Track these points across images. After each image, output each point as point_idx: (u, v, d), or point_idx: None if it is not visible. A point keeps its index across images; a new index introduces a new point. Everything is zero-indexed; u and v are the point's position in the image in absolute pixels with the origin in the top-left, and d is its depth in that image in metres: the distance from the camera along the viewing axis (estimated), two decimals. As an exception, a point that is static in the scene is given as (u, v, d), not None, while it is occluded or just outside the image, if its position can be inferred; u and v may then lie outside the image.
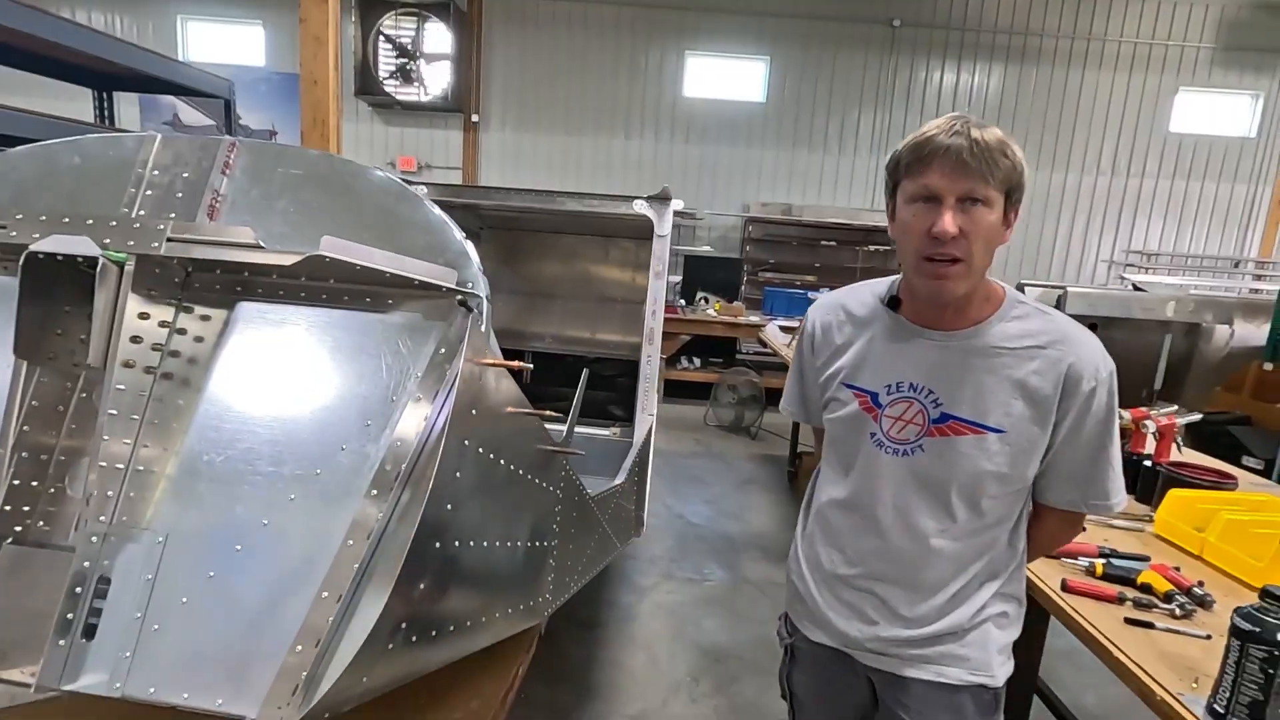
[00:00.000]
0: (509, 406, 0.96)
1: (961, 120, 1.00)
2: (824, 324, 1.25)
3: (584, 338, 3.29)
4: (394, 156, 10.14)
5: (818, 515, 1.28)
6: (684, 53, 9.61)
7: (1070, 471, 1.11)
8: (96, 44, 2.66)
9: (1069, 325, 1.09)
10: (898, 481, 1.13)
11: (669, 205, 2.48)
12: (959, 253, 1.00)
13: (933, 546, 1.12)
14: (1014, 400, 1.06)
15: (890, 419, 1.13)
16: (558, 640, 2.77)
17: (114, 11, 9.85)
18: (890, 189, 1.09)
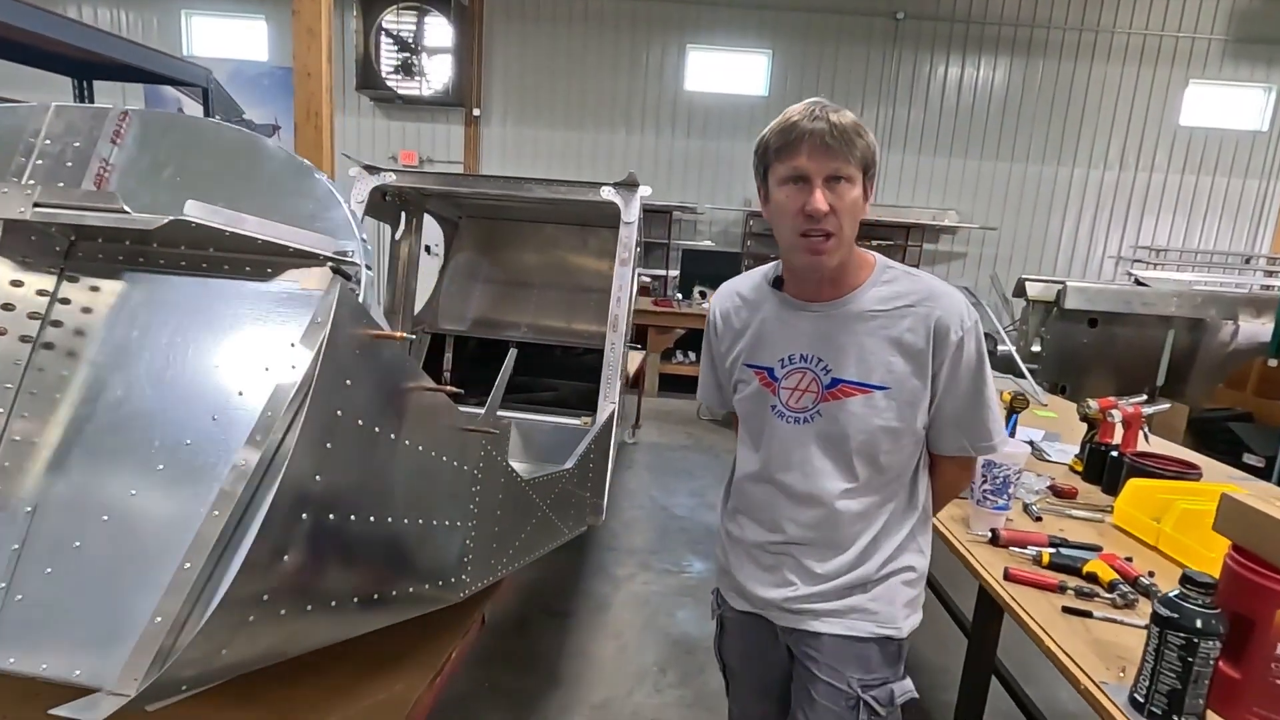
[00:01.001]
0: (402, 381, 0.94)
1: (819, 105, 1.08)
2: (723, 311, 1.33)
3: (560, 327, 3.27)
4: (395, 151, 10.17)
5: (736, 490, 1.36)
6: (685, 46, 9.56)
7: (954, 418, 1.19)
8: (73, 33, 2.67)
9: (934, 283, 1.19)
10: (801, 447, 1.21)
11: (636, 192, 2.46)
12: (831, 228, 1.08)
13: (838, 507, 1.20)
14: (893, 357, 1.15)
15: (787, 390, 1.21)
16: (528, 629, 2.76)
17: (119, 6, 9.93)
18: (761, 173, 1.16)
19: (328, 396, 0.79)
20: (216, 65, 9.98)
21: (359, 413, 0.84)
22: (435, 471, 1.06)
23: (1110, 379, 5.81)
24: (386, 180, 2.57)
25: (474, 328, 3.26)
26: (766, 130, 1.12)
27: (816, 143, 1.05)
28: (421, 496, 1.03)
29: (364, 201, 2.53)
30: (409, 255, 2.92)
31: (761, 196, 1.18)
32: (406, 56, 9.54)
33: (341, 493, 0.84)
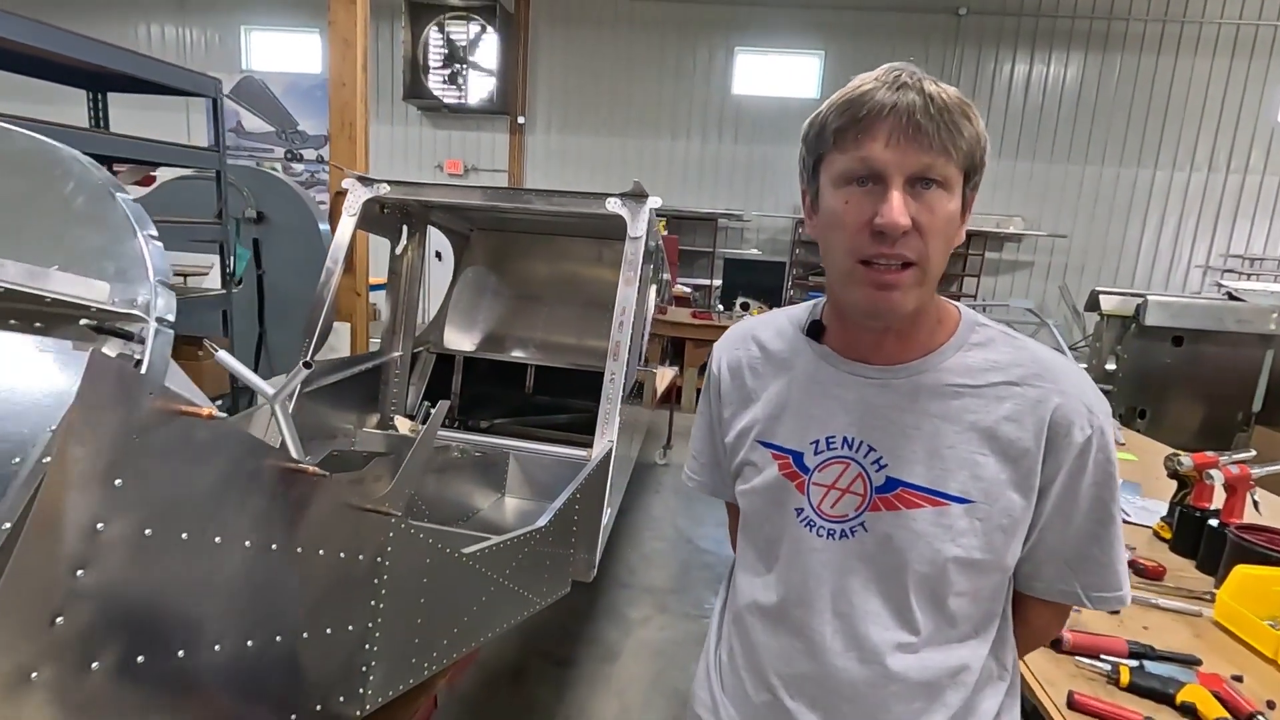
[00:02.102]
0: (232, 466, 0.71)
1: (903, 69, 0.72)
2: (731, 363, 0.95)
3: (572, 345, 3.04)
4: (441, 159, 10.21)
5: (737, 623, 0.95)
6: (733, 49, 9.27)
7: (1063, 553, 0.81)
8: (83, 48, 2.61)
9: (1048, 355, 0.81)
10: (836, 576, 0.82)
11: (645, 203, 2.20)
12: (911, 253, 0.72)
13: (891, 669, 0.80)
14: (982, 457, 0.77)
15: (821, 488, 0.83)
16: (524, 679, 2.53)
17: (184, 25, 10.30)
18: (810, 168, 0.79)
19: (78, 506, 0.56)
20: (273, 78, 10.27)
21: (142, 519, 0.62)
22: (304, 571, 0.83)
23: (1197, 404, 5.22)
24: (381, 192, 2.39)
25: (482, 346, 3.07)
26: (824, 105, 0.76)
27: (902, 121, 0.69)
28: (279, 605, 0.80)
29: (356, 215, 2.36)
30: (410, 270, 2.74)
31: (806, 203, 0.82)
32: (453, 66, 9.57)
33: (124, 628, 0.62)
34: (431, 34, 9.47)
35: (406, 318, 2.78)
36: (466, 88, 9.59)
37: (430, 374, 3.01)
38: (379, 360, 2.70)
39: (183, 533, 0.66)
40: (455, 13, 9.41)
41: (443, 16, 9.43)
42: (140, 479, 0.61)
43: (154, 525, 0.64)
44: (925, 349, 0.81)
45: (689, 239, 9.55)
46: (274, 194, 3.94)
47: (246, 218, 3.81)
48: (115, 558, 0.61)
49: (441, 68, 9.55)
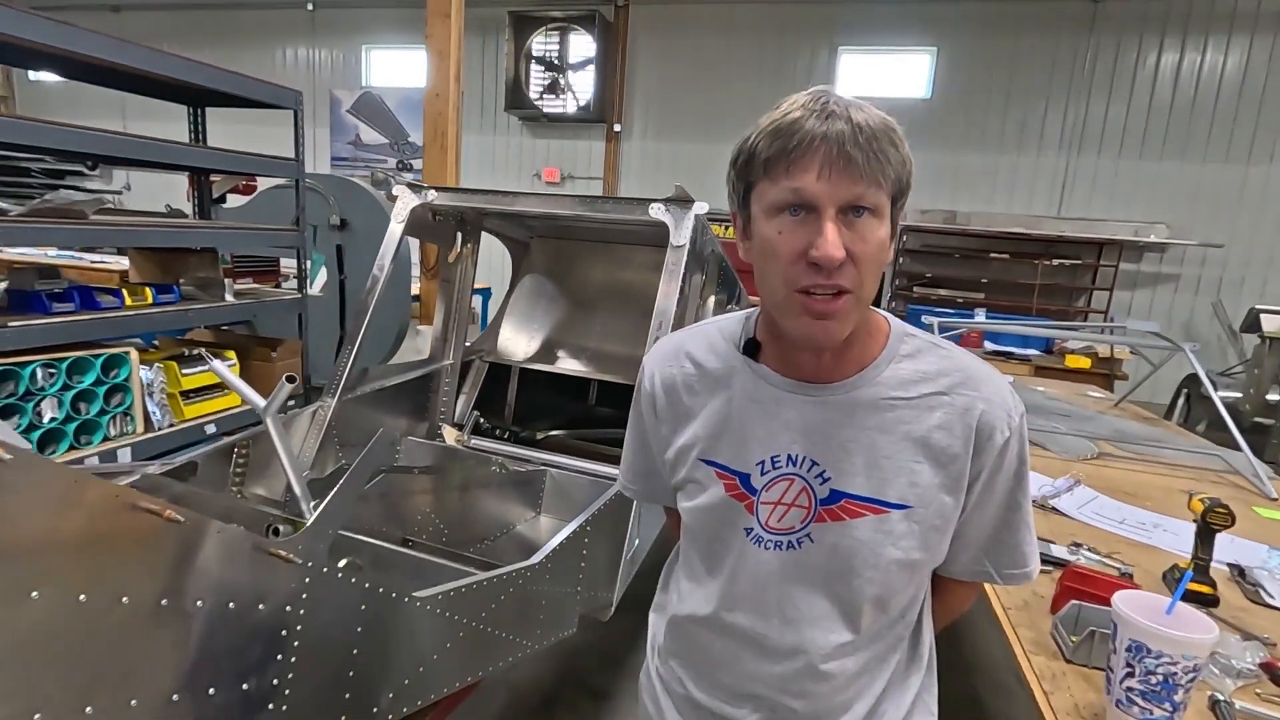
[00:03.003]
0: (80, 506, 0.62)
1: (829, 97, 0.73)
2: (666, 380, 0.95)
3: (624, 355, 2.90)
4: (539, 168, 10.43)
5: (674, 629, 0.99)
6: (837, 49, 8.86)
7: (980, 538, 0.89)
8: (179, 68, 2.79)
9: (971, 362, 0.86)
10: (782, 584, 0.86)
11: (690, 209, 2.04)
12: (846, 283, 0.73)
13: (826, 670, 0.86)
14: (917, 464, 0.82)
15: (769, 505, 0.86)
16: (555, 709, 2.41)
17: (315, 47, 11.12)
18: (741, 195, 0.81)
19: None
20: (388, 93, 10.89)
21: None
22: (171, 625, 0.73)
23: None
24: (429, 198, 2.36)
25: (537, 357, 2.99)
26: (752, 131, 0.77)
27: (832, 153, 0.70)
28: (135, 664, 0.70)
29: (404, 221, 2.34)
30: (463, 278, 2.70)
31: (738, 226, 0.84)
32: (552, 76, 9.76)
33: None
34: (533, 45, 9.70)
35: (457, 326, 2.74)
36: (565, 97, 9.75)
37: (483, 383, 2.96)
38: (429, 368, 2.68)
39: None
40: (556, 24, 9.60)
41: (545, 28, 9.64)
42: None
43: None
44: (859, 364, 0.84)
45: (784, 247, 9.19)
46: (357, 202, 4.08)
47: (331, 225, 3.96)
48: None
49: (541, 78, 9.77)
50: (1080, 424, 2.99)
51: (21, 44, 2.34)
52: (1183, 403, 5.43)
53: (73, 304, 2.49)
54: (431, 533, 1.91)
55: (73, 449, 2.44)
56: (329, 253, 4.10)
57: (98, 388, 2.50)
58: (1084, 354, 5.69)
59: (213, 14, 11.25)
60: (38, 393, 2.32)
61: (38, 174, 6.49)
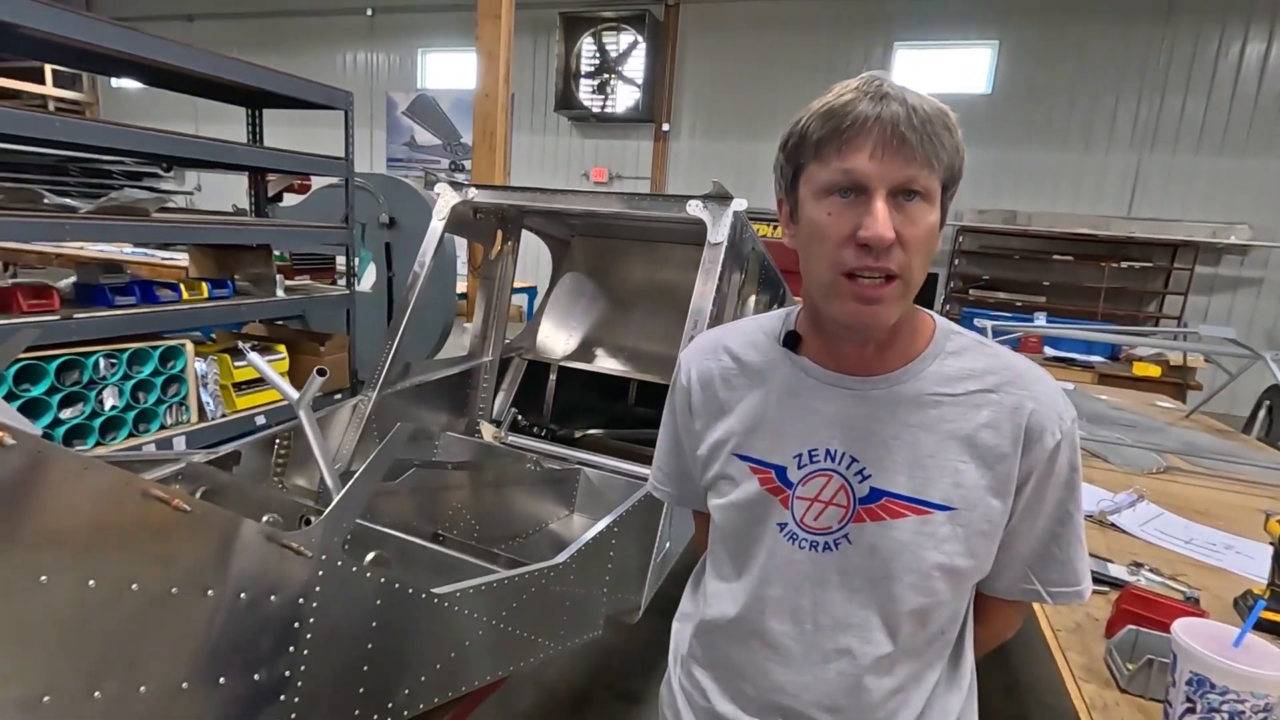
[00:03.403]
0: (92, 493, 0.63)
1: (884, 80, 0.71)
2: (702, 374, 0.92)
3: (661, 355, 2.87)
4: (588, 168, 10.49)
5: (700, 636, 0.95)
6: (892, 44, 8.63)
7: (1027, 552, 0.83)
8: (236, 70, 2.88)
9: (1019, 361, 0.82)
10: (815, 587, 0.82)
11: (728, 206, 1.99)
12: (895, 266, 0.71)
13: (868, 678, 0.81)
14: (963, 464, 0.78)
15: (804, 501, 0.82)
16: (585, 710, 2.39)
17: (373, 51, 11.45)
18: (789, 179, 0.79)
19: None
20: (442, 95, 11.13)
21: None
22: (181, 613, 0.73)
23: None
24: (470, 196, 2.38)
25: (576, 355, 2.98)
26: (803, 114, 0.75)
27: (886, 133, 0.69)
28: (145, 651, 0.71)
29: (445, 219, 2.36)
30: (503, 276, 2.72)
31: (784, 213, 0.82)
32: (602, 76, 9.80)
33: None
34: (584, 45, 9.76)
35: (497, 323, 2.76)
36: (614, 96, 9.78)
37: (522, 381, 2.97)
38: (468, 365, 2.70)
39: (-12, 571, 0.58)
40: (607, 24, 9.63)
41: (596, 28, 9.68)
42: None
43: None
44: (903, 359, 0.81)
45: (833, 247, 9.01)
46: (406, 201, 4.17)
47: (380, 223, 4.05)
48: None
49: (591, 78, 9.82)
50: (1146, 435, 2.82)
51: (107, 53, 2.47)
52: (1263, 415, 5.07)
53: (134, 298, 2.60)
54: (463, 528, 1.92)
55: (132, 436, 2.55)
56: (378, 251, 4.19)
57: (155, 378, 2.60)
58: (1153, 362, 5.37)
59: (278, 21, 11.70)
60: (100, 381, 2.43)
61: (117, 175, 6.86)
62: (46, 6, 2.15)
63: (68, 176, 5.93)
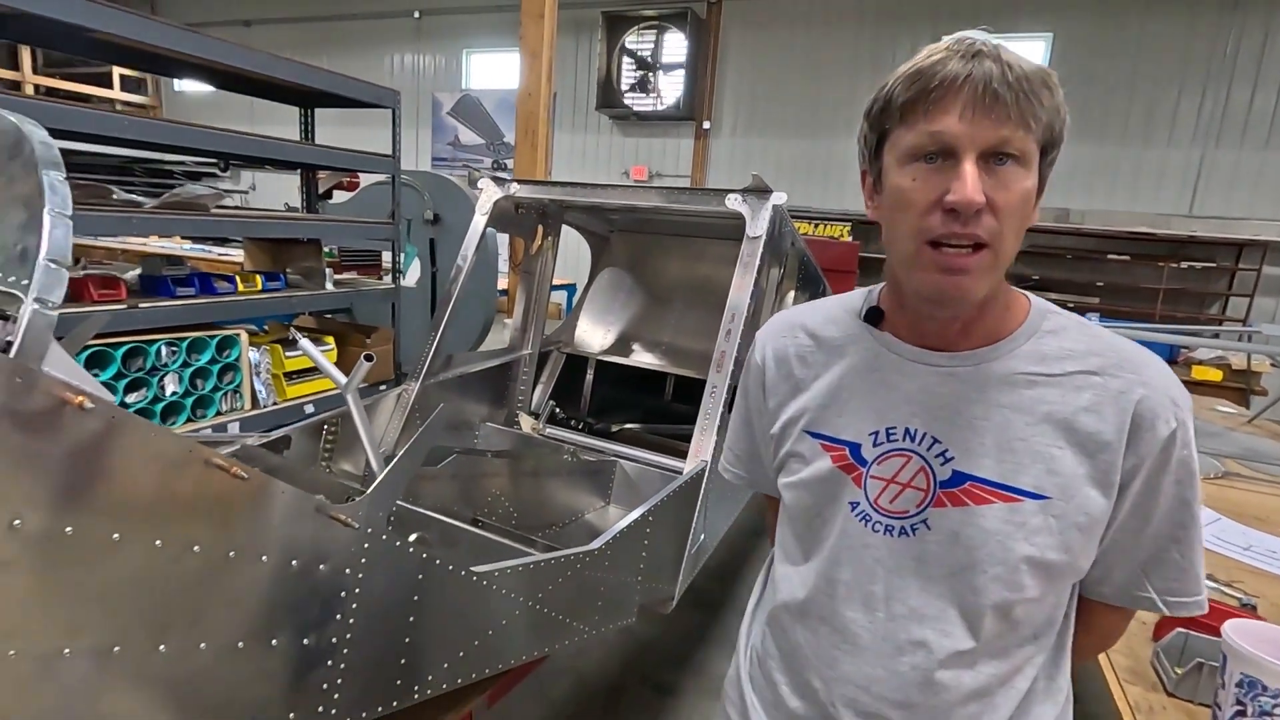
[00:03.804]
0: (158, 458, 0.67)
1: (975, 37, 0.67)
2: (777, 351, 0.90)
3: (698, 351, 2.87)
4: (628, 167, 10.52)
5: (773, 622, 0.91)
6: (939, 39, 8.40)
7: (1138, 556, 0.75)
8: (289, 70, 2.99)
9: (1127, 345, 0.75)
10: (891, 575, 0.77)
11: (768, 200, 1.98)
12: (984, 234, 0.67)
13: (944, 675, 0.75)
14: (1058, 450, 0.72)
15: (879, 481, 0.78)
16: (619, 701, 2.42)
17: (420, 52, 11.69)
18: (873, 147, 0.75)
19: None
20: (486, 95, 11.30)
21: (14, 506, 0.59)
22: (235, 577, 0.78)
23: None
24: (512, 191, 2.42)
25: (613, 349, 3.01)
26: (889, 78, 0.71)
27: (977, 91, 0.64)
28: (203, 611, 0.75)
29: (487, 213, 2.41)
30: (543, 271, 2.76)
31: (867, 185, 0.78)
32: (643, 74, 9.82)
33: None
34: (625, 44, 9.79)
35: (536, 317, 2.80)
36: (655, 95, 9.79)
37: (560, 375, 3.01)
38: (508, 357, 2.75)
39: (66, 526, 0.63)
40: (649, 22, 9.65)
41: (637, 26, 9.71)
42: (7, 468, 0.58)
43: (28, 513, 0.60)
44: (993, 336, 0.76)
45: (876, 245, 8.86)
46: (449, 197, 4.25)
47: (425, 219, 4.15)
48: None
49: (632, 76, 9.85)
50: (1204, 440, 2.71)
51: (172, 55, 2.60)
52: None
53: (193, 289, 2.73)
54: (501, 515, 1.96)
55: (190, 421, 2.67)
56: (422, 247, 4.29)
57: (212, 365, 2.72)
58: (1214, 365, 5.16)
59: (329, 25, 12.04)
60: (161, 368, 2.55)
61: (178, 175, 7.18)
62: (124, 12, 2.27)
63: (133, 176, 6.22)
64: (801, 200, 9.24)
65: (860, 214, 8.54)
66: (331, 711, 0.91)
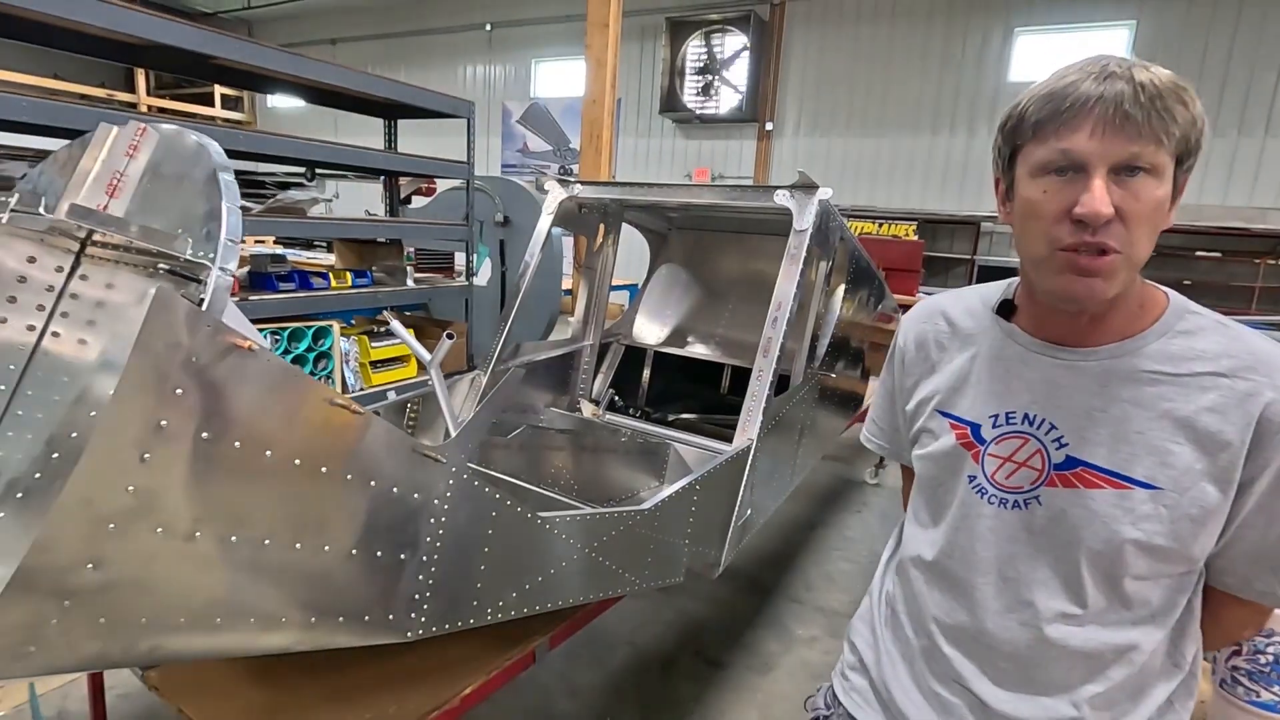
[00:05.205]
0: (283, 396, 0.87)
1: (1110, 59, 0.72)
2: (919, 336, 1.01)
3: (751, 342, 2.97)
4: (691, 169, 10.66)
5: (900, 571, 1.03)
6: (1012, 31, 8.20)
7: (1266, 553, 0.78)
8: (372, 84, 3.28)
9: (1265, 347, 0.77)
10: (1003, 542, 0.86)
11: (814, 195, 2.08)
12: (1114, 242, 0.71)
13: (1050, 635, 0.83)
14: (1176, 445, 0.77)
15: (996, 459, 0.87)
16: (672, 670, 2.55)
17: (491, 63, 12.14)
18: (1006, 158, 0.81)
19: (142, 405, 0.74)
20: (553, 103, 11.67)
21: (198, 424, 0.79)
22: (354, 496, 0.96)
23: None
24: (575, 191, 2.61)
25: (670, 341, 3.16)
26: (1023, 96, 0.77)
27: (1109, 112, 0.69)
28: (329, 521, 0.94)
29: (553, 214, 2.60)
30: (604, 267, 2.94)
31: (1000, 191, 0.85)
32: (707, 77, 9.94)
33: (171, 506, 0.79)
34: (689, 48, 9.94)
35: (597, 310, 2.98)
36: (718, 97, 9.90)
37: (619, 365, 3.18)
38: (571, 348, 2.94)
39: (235, 441, 0.82)
40: (713, 26, 9.77)
41: (701, 31, 9.85)
42: (196, 391, 0.78)
43: (209, 430, 0.80)
44: (1122, 334, 0.80)
45: (944, 244, 8.70)
46: (518, 201, 4.51)
47: (495, 222, 4.41)
48: (176, 451, 0.78)
49: (695, 80, 9.99)
50: None
51: (267, 74, 2.91)
52: None
53: (294, 284, 3.04)
54: (563, 486, 2.14)
55: (290, 403, 2.98)
56: (493, 247, 4.56)
57: (309, 354, 3.02)
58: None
59: (408, 40, 12.69)
60: (267, 355, 2.87)
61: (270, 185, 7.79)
62: (239, 40, 2.58)
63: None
64: (865, 199, 9.15)
65: (925, 213, 8.40)
66: (421, 619, 1.09)
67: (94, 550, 0.75)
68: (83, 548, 0.75)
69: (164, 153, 0.99)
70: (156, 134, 1.01)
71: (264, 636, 0.93)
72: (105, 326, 0.97)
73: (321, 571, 0.95)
